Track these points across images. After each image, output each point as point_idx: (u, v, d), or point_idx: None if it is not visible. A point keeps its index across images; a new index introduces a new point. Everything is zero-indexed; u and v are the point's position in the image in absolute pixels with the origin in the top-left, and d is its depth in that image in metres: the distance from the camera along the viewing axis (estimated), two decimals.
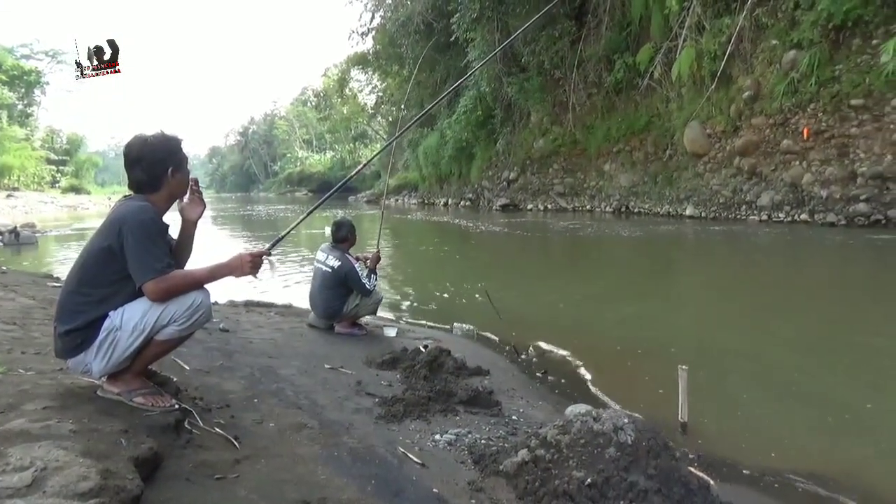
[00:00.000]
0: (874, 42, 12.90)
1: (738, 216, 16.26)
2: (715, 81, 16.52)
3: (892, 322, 5.93)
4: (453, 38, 24.75)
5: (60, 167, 59.38)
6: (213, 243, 14.62)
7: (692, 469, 2.53)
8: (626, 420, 2.40)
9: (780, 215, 15.07)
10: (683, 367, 3.36)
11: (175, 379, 2.74)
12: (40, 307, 4.44)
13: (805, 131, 14.26)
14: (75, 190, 56.88)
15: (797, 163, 14.82)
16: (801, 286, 8.20)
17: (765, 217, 15.43)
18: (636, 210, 20.31)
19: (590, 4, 21.85)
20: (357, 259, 5.07)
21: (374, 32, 33.25)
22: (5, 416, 2.00)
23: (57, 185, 56.59)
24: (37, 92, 57.47)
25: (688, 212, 17.89)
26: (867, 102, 13.09)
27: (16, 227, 14.66)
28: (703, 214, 17.30)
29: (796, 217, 14.66)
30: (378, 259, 5.25)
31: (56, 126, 65.80)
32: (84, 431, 1.93)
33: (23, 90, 55.10)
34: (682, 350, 5.05)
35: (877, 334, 5.49)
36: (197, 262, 2.60)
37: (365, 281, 4.88)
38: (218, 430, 2.34)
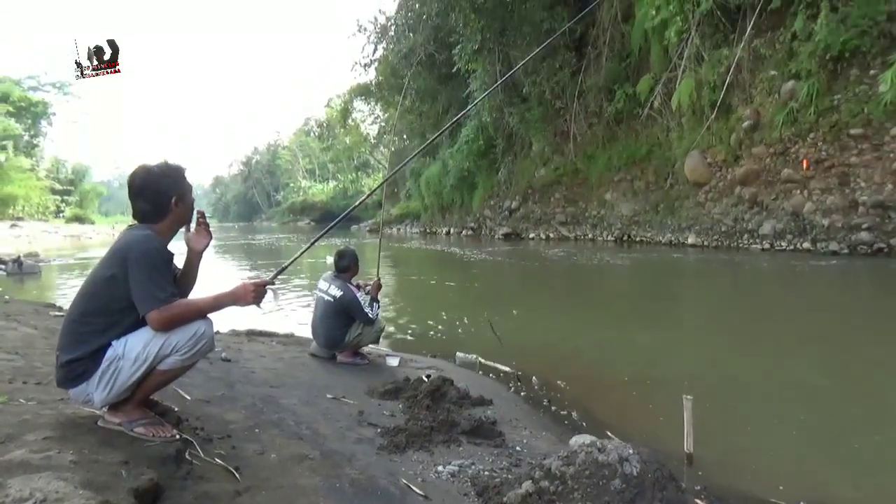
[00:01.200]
0: (872, 72, 13.05)
1: (741, 245, 16.26)
2: (715, 111, 16.68)
3: None
4: (455, 69, 25.14)
5: (65, 197, 59.89)
6: (216, 272, 14.65)
7: (699, 501, 2.49)
8: (631, 451, 2.37)
9: (783, 244, 15.08)
10: (688, 396, 3.33)
11: (176, 409, 2.72)
12: (42, 337, 4.43)
13: (804, 162, 14.35)
14: (79, 219, 57.25)
15: (798, 192, 14.88)
16: (805, 315, 8.16)
17: (767, 246, 15.43)
18: (638, 239, 20.33)
19: (590, 36, 22.19)
20: (358, 287, 5.07)
21: (376, 64, 33.71)
22: (5, 447, 1.99)
23: (61, 214, 56.98)
24: (43, 123, 58.21)
25: (690, 240, 17.91)
26: (867, 132, 13.18)
27: (19, 257, 14.68)
28: (706, 243, 17.31)
29: (799, 246, 14.66)
30: (379, 287, 5.26)
31: (62, 156, 66.56)
32: (84, 462, 1.91)
33: (29, 121, 55.81)
34: (687, 379, 5.01)
35: (883, 363, 5.46)
36: (200, 291, 2.61)
37: (367, 310, 4.88)
38: (219, 460, 2.31)
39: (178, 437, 2.37)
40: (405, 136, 34.09)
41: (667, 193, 19.55)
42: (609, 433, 3.80)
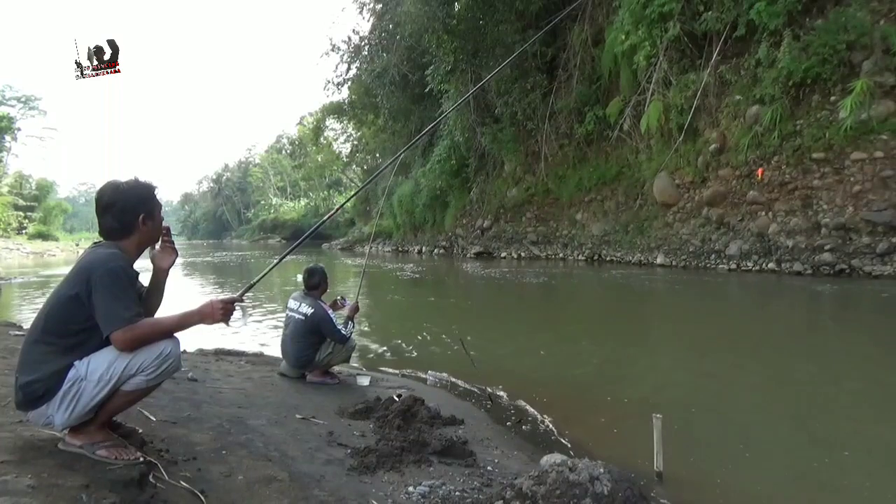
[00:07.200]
0: (833, 98, 13.49)
1: (708, 265, 16.52)
2: (682, 134, 17.02)
3: (862, 369, 6.02)
4: (428, 89, 25.36)
5: (28, 213, 58.57)
6: (183, 290, 14.42)
7: None
8: (601, 470, 2.38)
9: (749, 264, 15.35)
10: (658, 415, 3.36)
11: (140, 430, 2.65)
12: (0, 357, 4.30)
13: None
14: (43, 236, 56.01)
15: (763, 213, 15.22)
16: (771, 335, 8.30)
17: (734, 266, 15.70)
18: (608, 258, 20.54)
19: (560, 59, 22.59)
20: (335, 304, 5.04)
21: (349, 83, 33.79)
22: None
23: (24, 231, 55.67)
24: (7, 138, 57.00)
25: (659, 260, 18.14)
26: (828, 156, 13.58)
27: None
28: (674, 263, 17.55)
29: (764, 266, 14.94)
30: (357, 310, 5.23)
31: (26, 172, 65.22)
32: (43, 487, 1.85)
33: None
34: (656, 398, 5.05)
35: (849, 381, 5.57)
36: (167, 309, 2.56)
37: (340, 327, 4.84)
38: (184, 483, 2.26)
39: (141, 459, 2.30)
40: (378, 155, 34.13)
41: (636, 214, 19.84)
42: (580, 452, 3.80)
